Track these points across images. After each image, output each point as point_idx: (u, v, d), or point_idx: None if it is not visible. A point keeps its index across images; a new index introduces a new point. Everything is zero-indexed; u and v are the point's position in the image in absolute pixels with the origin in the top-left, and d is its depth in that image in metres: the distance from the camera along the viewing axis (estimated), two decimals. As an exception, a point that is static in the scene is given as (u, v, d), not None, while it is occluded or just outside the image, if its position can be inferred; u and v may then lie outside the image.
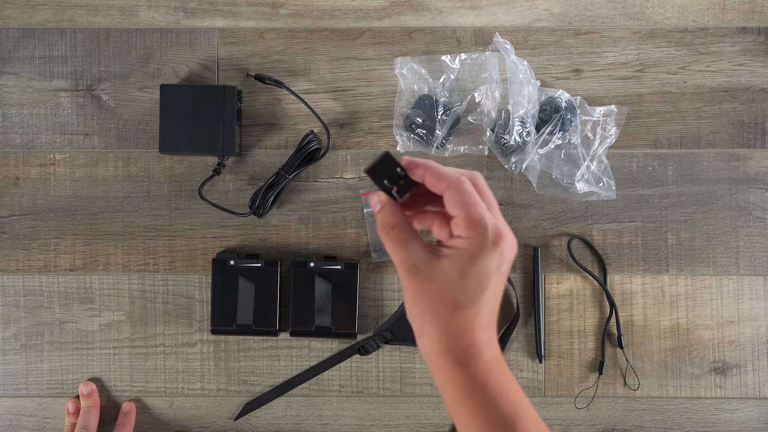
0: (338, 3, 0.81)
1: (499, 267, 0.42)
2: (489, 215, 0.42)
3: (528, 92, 0.76)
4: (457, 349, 0.42)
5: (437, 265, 0.42)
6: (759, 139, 0.81)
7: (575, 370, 0.81)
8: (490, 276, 0.41)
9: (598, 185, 0.79)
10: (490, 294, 0.42)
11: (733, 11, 0.82)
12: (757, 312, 0.81)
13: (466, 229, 0.41)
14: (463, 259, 0.41)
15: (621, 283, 0.81)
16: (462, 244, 0.41)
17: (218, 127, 0.76)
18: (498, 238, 0.41)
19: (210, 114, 0.77)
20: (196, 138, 0.75)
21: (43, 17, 0.82)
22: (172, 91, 0.77)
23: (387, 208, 0.44)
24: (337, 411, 0.81)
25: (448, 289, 0.41)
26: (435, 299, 0.42)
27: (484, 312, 0.42)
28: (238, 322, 0.79)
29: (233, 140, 0.77)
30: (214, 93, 0.77)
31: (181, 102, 0.77)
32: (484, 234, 0.41)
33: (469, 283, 0.41)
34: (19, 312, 0.81)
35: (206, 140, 0.75)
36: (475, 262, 0.41)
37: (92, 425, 0.78)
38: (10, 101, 0.81)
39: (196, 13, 0.82)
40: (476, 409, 0.42)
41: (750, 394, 0.81)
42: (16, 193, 0.81)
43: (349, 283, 0.79)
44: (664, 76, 0.82)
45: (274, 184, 0.78)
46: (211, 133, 0.74)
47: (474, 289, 0.41)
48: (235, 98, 0.77)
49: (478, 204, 0.42)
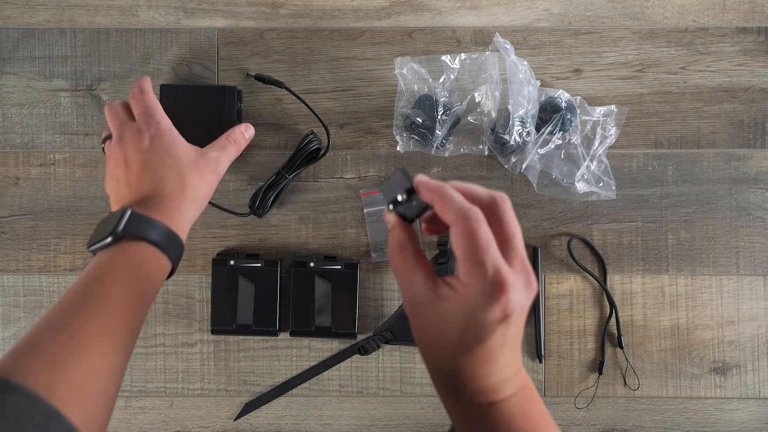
0: (338, 3, 0.81)
1: (501, 319, 0.37)
2: (494, 260, 0.37)
3: (528, 92, 0.76)
4: (458, 390, 0.39)
5: (436, 306, 0.38)
6: (759, 139, 0.81)
7: (575, 370, 0.81)
8: (489, 328, 0.37)
9: (598, 185, 0.79)
10: (494, 343, 0.38)
11: (733, 11, 0.82)
12: (757, 312, 0.81)
13: (464, 274, 0.37)
14: (460, 308, 0.37)
15: (621, 283, 0.81)
16: (461, 290, 0.38)
17: (218, 127, 0.74)
18: (498, 289, 0.37)
19: (210, 114, 0.76)
20: (196, 138, 0.75)
21: (43, 17, 0.82)
22: (172, 91, 0.76)
23: (397, 229, 0.41)
24: (337, 411, 0.81)
25: (443, 333, 0.38)
26: (431, 339, 0.39)
27: (488, 359, 0.38)
28: (238, 322, 0.79)
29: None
30: (214, 93, 0.76)
31: (181, 102, 0.76)
32: (482, 284, 0.37)
33: (466, 333, 0.37)
34: (19, 312, 0.81)
35: (207, 141, 0.75)
36: (472, 314, 0.37)
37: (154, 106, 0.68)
38: (10, 101, 0.81)
39: (196, 13, 0.82)
40: None
41: (750, 394, 0.81)
42: (16, 193, 0.81)
43: (349, 283, 0.79)
44: (664, 76, 0.82)
45: (274, 184, 0.78)
46: (211, 134, 0.74)
47: (472, 340, 0.38)
48: (235, 98, 0.77)
49: (480, 249, 0.37)
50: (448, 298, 0.38)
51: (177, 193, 0.61)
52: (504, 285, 0.37)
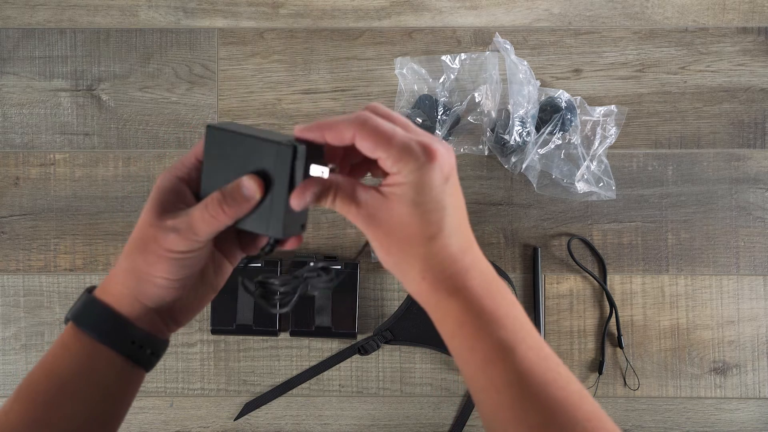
0: (338, 3, 0.81)
1: (445, 180, 0.39)
2: (407, 136, 0.39)
3: (528, 92, 0.76)
4: (445, 280, 0.40)
5: (390, 207, 0.39)
6: (759, 139, 0.81)
7: (575, 370, 0.81)
8: (442, 194, 0.39)
9: (598, 185, 0.79)
10: (453, 211, 0.40)
11: (733, 11, 0.82)
12: (757, 312, 0.81)
13: (394, 163, 0.38)
14: (409, 191, 0.39)
15: (621, 283, 0.81)
16: (400, 179, 0.39)
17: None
18: (428, 153, 0.38)
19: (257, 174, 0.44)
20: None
21: (43, 17, 0.82)
22: (217, 136, 0.43)
23: (318, 182, 0.41)
24: (337, 411, 0.81)
25: (409, 226, 0.39)
26: (404, 239, 0.39)
27: (457, 232, 0.40)
28: (238, 322, 0.79)
29: (280, 217, 0.42)
30: (263, 149, 0.42)
31: (226, 152, 0.43)
32: (413, 158, 0.38)
33: (427, 210, 0.39)
34: (19, 312, 0.81)
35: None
36: (421, 189, 0.38)
37: None
38: (10, 101, 0.81)
39: (196, 13, 0.82)
40: (473, 340, 0.39)
41: (750, 394, 0.81)
42: (16, 193, 0.81)
43: (349, 283, 0.79)
44: (664, 76, 0.82)
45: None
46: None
47: (435, 214, 0.39)
48: (290, 161, 0.41)
49: (391, 135, 0.38)
50: (394, 193, 0.39)
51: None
52: (429, 148, 0.39)
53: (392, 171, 0.39)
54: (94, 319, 0.43)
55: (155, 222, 0.41)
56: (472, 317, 0.40)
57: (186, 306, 0.45)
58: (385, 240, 0.40)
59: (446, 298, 0.40)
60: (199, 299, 0.46)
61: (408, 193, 0.39)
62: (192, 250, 0.42)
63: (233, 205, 0.41)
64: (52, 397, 0.42)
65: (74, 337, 0.43)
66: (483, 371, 0.39)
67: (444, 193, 0.39)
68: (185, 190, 0.43)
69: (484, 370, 0.39)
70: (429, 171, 0.38)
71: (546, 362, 0.39)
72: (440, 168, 0.39)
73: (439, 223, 0.39)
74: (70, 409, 0.42)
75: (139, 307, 0.43)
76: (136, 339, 0.43)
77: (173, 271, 0.42)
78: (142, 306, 0.43)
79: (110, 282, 0.44)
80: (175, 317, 0.45)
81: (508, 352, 0.39)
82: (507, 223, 0.81)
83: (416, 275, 0.40)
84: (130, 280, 0.43)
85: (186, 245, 0.41)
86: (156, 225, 0.41)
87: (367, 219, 0.40)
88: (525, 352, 0.39)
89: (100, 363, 0.43)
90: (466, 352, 0.40)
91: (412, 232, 0.39)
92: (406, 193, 0.39)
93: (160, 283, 0.42)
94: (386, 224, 0.40)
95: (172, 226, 0.41)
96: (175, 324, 0.46)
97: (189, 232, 0.41)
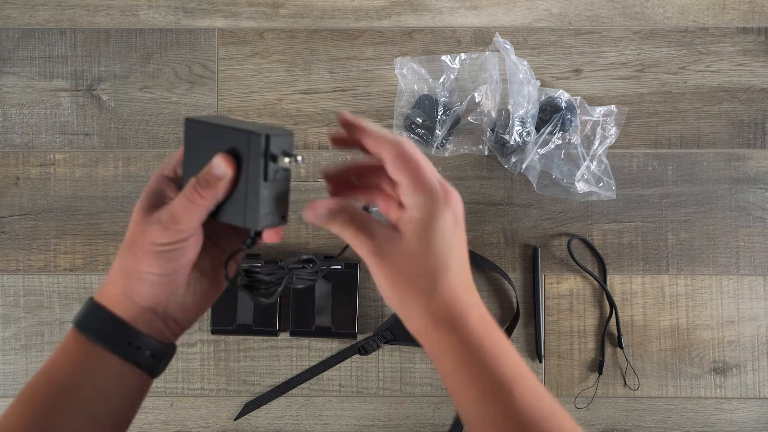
0: (338, 3, 0.81)
1: (455, 221, 0.41)
2: (434, 172, 0.41)
3: (528, 92, 0.76)
4: (448, 317, 0.41)
5: (400, 242, 0.40)
6: (759, 139, 0.81)
7: (575, 370, 0.81)
8: (451, 234, 0.40)
9: (598, 185, 0.79)
10: (458, 252, 0.41)
11: (733, 11, 0.82)
12: (757, 312, 0.81)
13: (415, 193, 0.40)
14: (422, 226, 0.40)
15: (621, 283, 0.81)
16: (415, 212, 0.40)
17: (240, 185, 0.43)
18: (447, 194, 0.40)
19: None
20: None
21: (43, 17, 0.82)
22: (195, 128, 0.44)
23: (337, 202, 0.42)
24: (337, 411, 0.81)
25: (418, 261, 0.40)
26: (410, 276, 0.40)
27: (460, 272, 0.41)
28: (238, 322, 0.79)
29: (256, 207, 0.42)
30: (237, 138, 0.42)
31: (202, 144, 0.44)
32: (434, 194, 0.40)
33: (436, 247, 0.40)
34: (19, 312, 0.81)
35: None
36: (434, 225, 0.40)
37: None
38: (10, 101, 0.81)
39: (196, 13, 0.82)
40: (471, 376, 0.40)
41: (750, 394, 0.81)
42: (16, 193, 0.81)
43: (349, 283, 0.79)
44: (664, 76, 0.82)
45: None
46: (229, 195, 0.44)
47: (443, 252, 0.40)
48: (261, 150, 0.41)
49: (423, 165, 0.40)
50: (407, 228, 0.40)
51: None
52: (449, 191, 0.41)
53: (408, 200, 0.40)
54: (90, 321, 0.43)
55: (142, 219, 0.42)
56: (471, 354, 0.41)
57: (184, 305, 0.45)
58: (391, 274, 0.41)
59: (447, 334, 0.41)
60: (200, 298, 0.46)
61: (420, 226, 0.40)
62: (176, 241, 0.42)
63: (207, 188, 0.41)
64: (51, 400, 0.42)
65: (73, 340, 0.43)
66: (481, 406, 0.40)
67: (453, 233, 0.41)
68: (172, 187, 0.44)
69: (483, 405, 0.40)
70: (444, 211, 0.40)
71: (542, 401, 0.41)
72: (453, 210, 0.41)
73: (446, 261, 0.40)
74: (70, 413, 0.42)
75: (134, 306, 0.43)
76: (132, 340, 0.43)
77: (159, 264, 0.42)
78: (136, 305, 0.43)
79: (105, 284, 0.44)
80: (175, 318, 0.45)
81: (506, 389, 0.40)
82: (507, 223, 0.81)
83: (420, 311, 0.41)
84: (121, 279, 0.43)
85: (169, 236, 0.41)
86: (143, 222, 0.42)
87: (376, 252, 0.41)
88: (522, 389, 0.40)
89: (98, 365, 0.43)
90: (464, 388, 0.41)
91: (419, 268, 0.40)
92: (419, 229, 0.40)
93: (150, 279, 0.42)
94: (394, 259, 0.40)
95: (156, 218, 0.42)
96: (177, 325, 0.45)
97: (171, 222, 0.41)
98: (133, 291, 0.43)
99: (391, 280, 0.41)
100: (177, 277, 0.43)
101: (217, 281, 0.47)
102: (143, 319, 0.43)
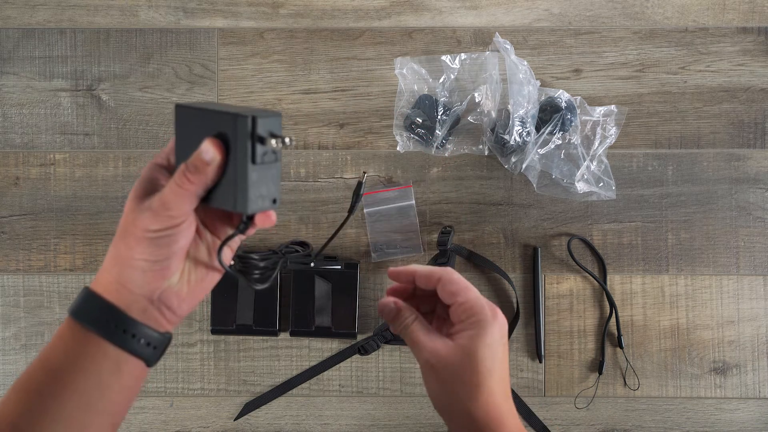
0: (338, 3, 0.81)
1: (502, 338, 0.45)
2: (479, 294, 0.46)
3: (528, 92, 0.76)
4: (489, 423, 0.45)
5: (451, 355, 0.45)
6: (759, 139, 0.81)
7: (575, 370, 0.81)
8: (497, 347, 0.45)
9: (598, 185, 0.79)
10: (501, 363, 0.45)
11: (733, 11, 0.82)
12: (757, 312, 0.81)
13: (466, 313, 0.45)
14: (473, 340, 0.44)
15: (621, 283, 0.81)
16: (467, 327, 0.45)
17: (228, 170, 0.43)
18: (494, 311, 0.46)
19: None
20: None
21: (43, 17, 0.82)
22: (185, 114, 0.45)
23: (403, 309, 0.47)
24: (337, 411, 0.81)
25: (467, 370, 0.44)
26: (457, 388, 0.44)
27: (501, 382, 0.45)
28: (238, 322, 0.79)
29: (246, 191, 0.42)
30: (224, 121, 0.42)
31: (192, 130, 0.44)
32: (484, 312, 0.45)
33: (483, 360, 0.44)
34: (19, 312, 0.81)
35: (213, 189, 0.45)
36: (484, 340, 0.44)
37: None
38: (10, 101, 0.81)
39: (196, 13, 0.82)
40: None
41: (750, 394, 0.81)
42: (16, 193, 0.81)
43: (349, 283, 0.79)
44: (664, 76, 0.82)
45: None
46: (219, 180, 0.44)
47: (489, 363, 0.44)
48: (247, 131, 0.41)
49: (470, 288, 0.46)
50: (458, 342, 0.45)
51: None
52: (495, 308, 0.46)
53: (460, 318, 0.45)
54: (84, 309, 0.44)
55: (135, 207, 0.43)
56: None
57: (180, 294, 0.45)
58: (439, 386, 0.45)
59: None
60: (195, 287, 0.46)
61: (471, 340, 0.45)
62: (168, 227, 0.42)
63: (196, 173, 0.41)
64: (46, 387, 0.43)
65: (68, 329, 0.44)
66: None
67: (498, 344, 0.45)
68: (165, 174, 0.44)
69: None
70: (493, 327, 0.45)
71: None
72: (500, 327, 0.46)
73: (491, 371, 0.45)
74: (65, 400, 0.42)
75: (127, 294, 0.43)
76: (127, 328, 0.43)
77: (151, 251, 0.42)
78: (129, 293, 0.43)
79: (100, 273, 0.45)
80: (171, 306, 0.45)
81: None
82: (507, 223, 0.81)
83: (463, 420, 0.45)
84: (115, 267, 0.43)
85: (160, 222, 0.42)
86: (135, 209, 0.43)
87: (432, 358, 0.45)
88: None
89: (92, 353, 0.43)
90: None
91: (467, 377, 0.44)
92: (470, 340, 0.45)
93: (142, 266, 0.42)
94: (444, 372, 0.45)
95: (148, 205, 0.42)
96: (173, 314, 0.45)
97: (161, 208, 0.42)
98: (126, 278, 0.43)
99: (438, 391, 0.46)
100: (170, 264, 0.43)
101: (213, 270, 0.47)
102: (137, 307, 0.43)
